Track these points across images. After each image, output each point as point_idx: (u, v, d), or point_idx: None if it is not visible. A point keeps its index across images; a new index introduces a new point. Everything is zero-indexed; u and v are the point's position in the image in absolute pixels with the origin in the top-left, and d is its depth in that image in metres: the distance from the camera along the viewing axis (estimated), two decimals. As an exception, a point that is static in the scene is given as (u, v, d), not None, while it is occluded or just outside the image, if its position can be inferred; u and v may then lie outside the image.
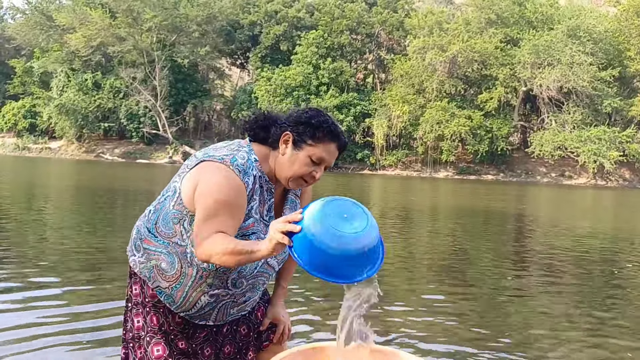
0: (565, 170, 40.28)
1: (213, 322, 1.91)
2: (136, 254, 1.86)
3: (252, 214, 1.76)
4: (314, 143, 1.75)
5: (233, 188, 1.67)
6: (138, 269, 1.85)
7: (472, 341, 3.57)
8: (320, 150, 1.76)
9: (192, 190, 1.72)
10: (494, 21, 41.59)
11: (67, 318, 3.64)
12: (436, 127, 38.44)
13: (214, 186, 1.67)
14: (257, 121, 1.85)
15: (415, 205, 15.81)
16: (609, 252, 7.91)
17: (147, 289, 1.85)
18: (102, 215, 9.48)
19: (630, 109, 38.42)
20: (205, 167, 1.72)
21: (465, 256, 6.94)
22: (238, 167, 1.71)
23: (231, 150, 1.77)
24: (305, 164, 1.76)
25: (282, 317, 2.04)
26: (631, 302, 4.92)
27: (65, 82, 45.67)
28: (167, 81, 44.62)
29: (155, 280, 1.82)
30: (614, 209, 18.39)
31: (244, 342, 2.01)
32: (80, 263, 5.42)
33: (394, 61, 43.21)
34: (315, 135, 1.75)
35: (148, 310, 1.86)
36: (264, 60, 46.56)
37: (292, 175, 1.77)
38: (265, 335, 2.04)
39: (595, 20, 39.80)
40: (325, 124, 1.76)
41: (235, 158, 1.73)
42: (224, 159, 1.71)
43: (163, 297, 1.83)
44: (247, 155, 1.77)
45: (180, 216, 1.76)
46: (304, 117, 1.77)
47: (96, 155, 44.90)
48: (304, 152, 1.75)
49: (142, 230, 1.86)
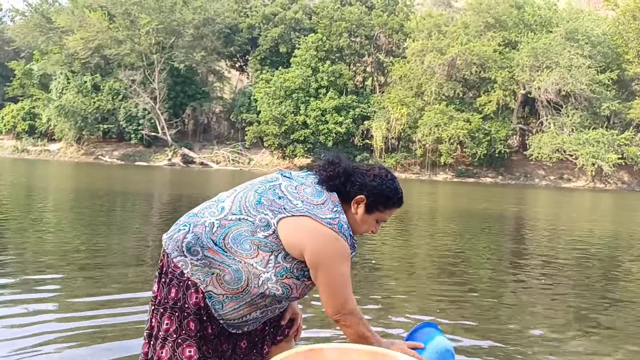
0: (563, 173, 40.33)
1: (243, 331, 2.01)
2: (188, 256, 1.89)
3: None
4: (384, 210, 2.02)
5: (346, 256, 1.90)
6: (189, 270, 1.88)
7: (470, 343, 3.59)
8: (386, 215, 2.04)
9: (296, 244, 1.86)
10: (493, 24, 41.68)
11: (66, 318, 3.66)
12: (435, 129, 38.48)
13: (336, 259, 1.87)
14: (338, 176, 1.98)
15: (414, 207, 15.83)
16: (607, 255, 7.93)
17: (190, 296, 1.89)
18: (101, 218, 9.49)
19: (628, 111, 38.49)
20: (316, 231, 1.86)
21: (464, 259, 6.96)
22: (344, 233, 1.89)
23: (332, 211, 1.90)
24: (372, 225, 2.04)
25: (300, 311, 2.19)
26: (630, 305, 4.94)
27: (65, 84, 45.69)
28: (165, 84, 44.66)
29: (211, 285, 1.87)
30: (613, 211, 18.42)
31: (259, 337, 2.09)
32: (80, 265, 5.43)
33: (392, 64, 43.27)
34: (387, 205, 2.01)
35: (186, 314, 1.90)
36: (263, 62, 46.61)
37: (359, 232, 2.03)
38: (281, 329, 2.14)
39: (593, 24, 39.91)
40: (397, 195, 2.02)
41: (342, 224, 1.90)
42: (332, 225, 1.87)
43: (212, 302, 1.88)
44: (344, 218, 1.93)
45: (275, 248, 1.87)
46: (384, 188, 1.99)
47: (95, 158, 44.90)
48: (374, 216, 2.01)
49: (205, 240, 1.89)
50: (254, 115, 43.28)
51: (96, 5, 44.96)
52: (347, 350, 1.75)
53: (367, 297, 4.64)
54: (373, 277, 5.54)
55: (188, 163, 42.96)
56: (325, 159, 2.02)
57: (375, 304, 4.41)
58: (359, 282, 5.20)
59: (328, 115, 41.27)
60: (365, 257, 6.78)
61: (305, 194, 1.93)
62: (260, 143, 43.84)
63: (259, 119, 42.67)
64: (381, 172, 2.02)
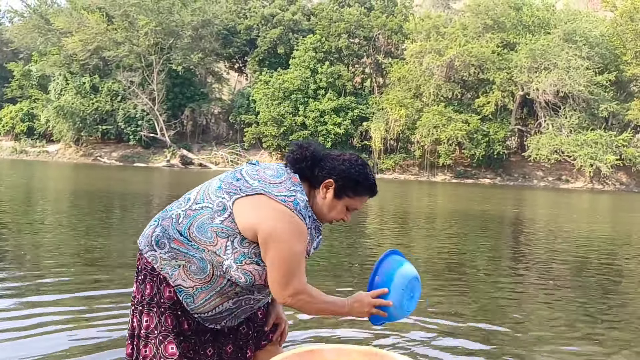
0: (562, 174, 40.38)
1: (221, 326, 1.97)
2: (157, 250, 1.90)
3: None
4: (354, 196, 1.95)
5: (301, 235, 1.83)
6: (159, 264, 1.89)
7: (468, 344, 3.60)
8: (356, 202, 1.97)
9: (250, 223, 1.81)
10: (491, 26, 41.74)
11: (65, 319, 3.67)
12: (433, 131, 38.52)
13: (287, 238, 1.80)
14: (305, 159, 1.94)
15: (413, 208, 15.85)
16: (606, 255, 7.95)
17: (164, 290, 1.89)
18: (100, 219, 9.49)
19: (626, 113, 38.56)
20: (269, 208, 1.81)
21: (463, 259, 6.98)
22: (301, 212, 1.83)
23: (289, 190, 1.86)
24: (342, 212, 1.96)
25: (283, 317, 2.13)
26: (629, 305, 4.96)
27: (64, 86, 45.67)
28: (164, 85, 44.65)
29: (179, 278, 1.86)
30: (611, 212, 18.45)
31: (244, 341, 2.06)
32: (78, 266, 5.44)
33: (391, 65, 43.31)
34: (357, 190, 1.94)
35: (163, 310, 1.90)
36: (261, 64, 46.63)
37: (327, 219, 1.96)
38: (264, 334, 2.10)
39: (591, 25, 39.98)
40: (368, 181, 1.96)
41: (297, 202, 1.84)
42: (286, 202, 1.82)
43: (183, 296, 1.87)
44: (302, 197, 1.87)
45: (231, 233, 1.84)
46: (352, 172, 1.93)
47: (94, 159, 44.87)
48: (343, 202, 1.94)
49: (171, 232, 1.89)
50: (252, 116, 43.29)
51: (94, 7, 44.95)
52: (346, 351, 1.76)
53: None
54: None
55: (187, 164, 42.96)
56: (294, 143, 1.99)
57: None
58: (357, 284, 5.21)
59: (327, 116, 41.31)
60: (363, 258, 6.79)
61: (264, 175, 1.90)
62: (259, 144, 43.86)
63: (257, 120, 42.69)
64: (351, 157, 1.98)
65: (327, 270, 5.83)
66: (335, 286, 5.04)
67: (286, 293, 1.82)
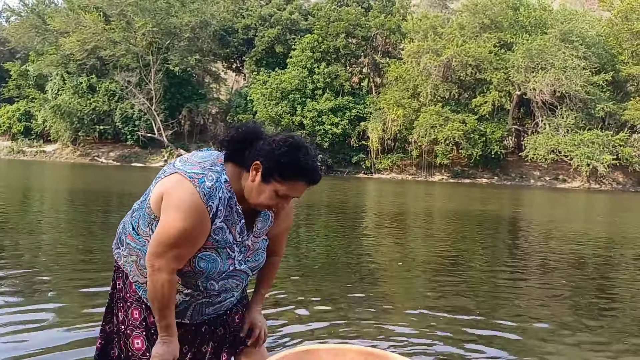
0: (559, 173, 40.46)
1: (189, 320, 1.95)
2: (120, 247, 1.94)
3: (212, 234, 1.78)
4: (282, 180, 1.77)
5: (195, 214, 1.71)
6: (122, 262, 1.93)
7: (464, 344, 3.62)
8: (286, 188, 1.78)
9: (159, 198, 1.78)
10: (488, 26, 41.80)
11: (62, 320, 3.68)
12: (430, 131, 38.57)
13: (178, 209, 1.71)
14: (235, 141, 1.86)
15: (410, 208, 15.88)
16: (602, 255, 7.99)
17: (130, 285, 1.91)
18: (97, 219, 9.49)
19: (623, 112, 38.66)
20: (175, 180, 1.76)
21: (460, 259, 7.00)
22: (204, 189, 1.73)
23: (203, 168, 1.78)
24: (271, 198, 1.79)
25: (259, 322, 2.08)
26: (625, 305, 4.99)
27: (61, 85, 45.60)
28: (161, 85, 44.61)
29: (135, 275, 1.88)
30: (608, 212, 18.50)
31: (219, 343, 2.05)
32: (76, 265, 5.45)
33: (389, 65, 43.35)
34: (283, 174, 1.76)
35: (129, 304, 1.92)
36: (259, 63, 46.62)
37: (258, 204, 1.81)
38: (241, 339, 2.08)
39: (588, 25, 40.07)
40: (294, 164, 1.76)
41: (204, 179, 1.74)
42: (193, 178, 1.74)
43: (141, 292, 1.89)
44: (216, 176, 1.77)
45: (150, 219, 1.83)
46: (276, 154, 1.76)
47: (91, 159, 44.81)
48: (271, 187, 1.78)
49: (127, 226, 1.93)
50: (250, 116, 43.26)
51: (92, 7, 44.88)
52: (343, 351, 1.77)
53: (363, 298, 4.68)
54: (369, 279, 5.58)
55: (184, 164, 42.87)
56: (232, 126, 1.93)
57: (371, 305, 4.44)
58: (354, 283, 5.23)
59: (324, 116, 41.33)
60: (362, 258, 6.81)
61: (191, 157, 1.85)
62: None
63: (255, 120, 42.68)
64: (282, 138, 1.80)
65: (324, 270, 5.85)
66: (331, 286, 5.06)
67: (151, 262, 1.75)
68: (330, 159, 42.06)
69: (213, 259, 1.82)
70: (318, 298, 4.57)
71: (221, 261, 1.83)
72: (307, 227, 9.76)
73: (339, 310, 4.20)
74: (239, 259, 1.89)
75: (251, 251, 1.93)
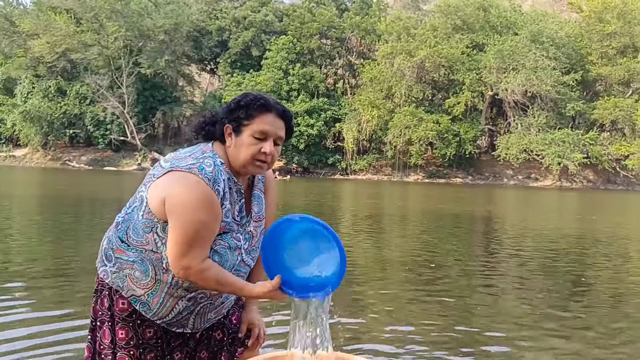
0: (531, 172, 41.15)
1: (191, 329, 1.92)
2: (107, 264, 1.87)
3: (223, 217, 1.77)
4: (250, 121, 1.79)
5: (207, 201, 1.69)
6: (110, 279, 1.85)
7: (440, 345, 3.64)
8: (258, 124, 1.79)
9: (160, 200, 1.73)
10: (460, 27, 42.33)
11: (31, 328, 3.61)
12: (405, 131, 38.89)
13: (188, 203, 1.68)
14: (206, 123, 1.88)
15: (385, 209, 15.96)
16: (574, 252, 8.13)
17: (117, 302, 1.84)
18: (69, 225, 9.32)
19: (592, 112, 39.50)
20: (174, 178, 1.72)
21: (435, 260, 7.06)
22: (207, 175, 1.71)
23: (196, 158, 1.76)
24: (250, 144, 1.79)
25: (257, 321, 2.06)
26: (596, 301, 5.08)
27: (30, 89, 44.75)
28: (134, 88, 44.09)
29: (130, 289, 1.82)
30: (578, 210, 18.87)
31: (218, 347, 2.02)
32: (47, 273, 5.34)
33: (363, 66, 43.57)
34: (247, 113, 1.79)
35: (116, 322, 1.86)
36: (233, 65, 46.41)
37: (244, 160, 1.79)
38: (239, 341, 2.05)
39: (557, 26, 40.88)
40: (254, 100, 1.81)
41: (203, 167, 1.72)
42: (191, 169, 1.71)
43: (138, 305, 1.83)
44: (213, 160, 1.77)
45: (152, 225, 1.77)
46: (233, 104, 1.83)
47: (62, 163, 44.04)
48: (245, 134, 1.79)
49: (114, 241, 1.86)
50: (224, 118, 43.05)
51: (62, 9, 44.11)
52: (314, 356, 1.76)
53: (337, 299, 4.67)
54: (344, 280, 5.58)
55: (158, 167, 42.46)
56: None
57: (346, 306, 4.44)
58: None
59: (300, 118, 41.34)
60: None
61: (176, 154, 1.85)
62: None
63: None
64: (240, 95, 1.88)
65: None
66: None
67: (178, 265, 1.71)
68: (306, 161, 42.07)
69: (224, 252, 1.80)
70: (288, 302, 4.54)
71: (231, 253, 1.82)
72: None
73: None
74: (245, 247, 1.88)
75: (255, 238, 1.92)
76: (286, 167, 41.60)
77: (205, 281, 1.74)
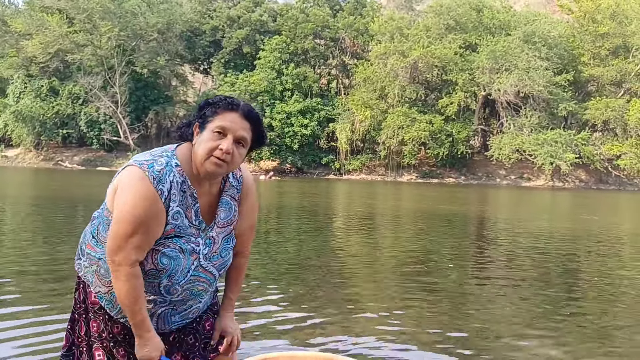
0: (523, 172, 41.31)
1: (155, 330, 1.88)
2: (81, 258, 1.90)
3: (170, 220, 1.75)
4: (213, 117, 1.79)
5: (146, 199, 1.69)
6: (82, 273, 1.89)
7: (432, 345, 3.66)
8: (219, 121, 1.78)
9: (113, 192, 1.77)
10: (453, 27, 42.42)
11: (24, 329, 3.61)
12: (398, 131, 38.96)
13: (128, 199, 1.69)
14: (183, 124, 1.90)
15: (378, 209, 16.00)
16: (566, 252, 8.18)
17: (90, 296, 1.87)
18: (61, 226, 9.30)
19: (584, 112, 39.69)
20: (125, 173, 1.75)
21: (428, 260, 7.09)
22: (153, 173, 1.71)
23: (153, 155, 1.78)
24: (209, 139, 1.77)
25: (230, 329, 2.04)
26: (591, 301, 5.12)
27: (22, 89, 44.51)
28: (127, 88, 43.94)
29: (96, 285, 1.84)
30: (571, 209, 18.97)
31: (190, 352, 2.00)
32: (39, 274, 5.33)
33: (357, 66, 43.60)
34: (213, 111, 1.80)
35: (90, 316, 1.88)
36: (227, 65, 46.33)
37: (201, 157, 1.77)
38: (212, 347, 2.03)
39: (550, 26, 41.04)
40: (222, 99, 1.82)
41: (153, 165, 1.73)
42: (142, 164, 1.72)
43: (104, 302, 1.85)
44: (167, 160, 1.76)
45: (108, 222, 1.78)
46: (203, 102, 1.85)
47: (55, 163, 43.82)
48: (207, 130, 1.78)
49: (87, 236, 1.89)
50: (218, 118, 42.94)
51: (54, 9, 43.90)
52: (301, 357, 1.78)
53: (331, 299, 4.70)
54: (336, 280, 5.61)
55: (152, 167, 42.33)
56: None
57: (339, 307, 4.47)
58: (321, 286, 5.25)
59: (293, 118, 41.32)
60: (329, 258, 6.84)
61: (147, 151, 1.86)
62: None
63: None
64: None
65: (291, 272, 5.85)
66: (297, 289, 5.07)
67: (112, 259, 1.71)
68: (300, 161, 42.06)
69: (176, 256, 1.78)
70: (283, 301, 4.57)
71: (184, 257, 1.79)
72: (276, 229, 9.75)
73: (304, 313, 4.21)
74: (204, 252, 1.85)
75: (217, 245, 1.89)
76: (280, 167, 41.62)
77: (125, 286, 1.72)
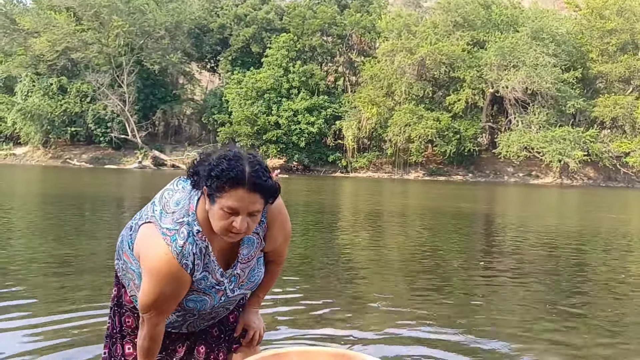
0: (532, 170, 41.14)
1: (186, 331, 2.03)
2: (119, 260, 1.97)
3: (195, 285, 1.80)
4: (220, 194, 1.68)
5: (171, 276, 1.72)
6: (120, 274, 1.98)
7: (439, 343, 3.65)
8: (227, 200, 1.68)
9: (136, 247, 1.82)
10: (461, 24, 42.26)
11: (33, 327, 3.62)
12: (405, 129, 38.88)
13: (155, 274, 1.72)
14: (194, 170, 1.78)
15: (386, 207, 15.97)
16: (575, 249, 8.14)
17: (125, 295, 1.98)
18: (70, 223, 9.34)
19: (593, 109, 39.46)
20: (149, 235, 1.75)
21: (435, 257, 7.07)
22: (177, 249, 1.71)
23: (175, 222, 1.75)
24: (220, 217, 1.69)
25: (253, 324, 2.10)
26: (598, 298, 5.09)
27: (30, 87, 44.75)
28: (135, 86, 44.10)
29: (132, 289, 1.93)
30: (579, 207, 18.87)
31: (215, 343, 2.08)
32: (48, 271, 5.35)
33: (363, 63, 43.53)
34: (218, 187, 1.68)
35: (124, 311, 2.00)
36: (234, 63, 46.40)
37: (217, 231, 1.73)
38: (235, 338, 2.12)
39: (558, 23, 40.82)
40: (223, 173, 1.67)
41: (176, 237, 1.72)
42: (166, 236, 1.72)
43: (137, 303, 1.92)
44: (188, 229, 1.74)
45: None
46: (207, 170, 1.70)
47: (63, 161, 44.06)
48: (217, 205, 1.69)
49: (124, 244, 1.93)
50: (225, 116, 43.06)
51: (62, 7, 44.09)
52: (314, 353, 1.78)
53: (339, 295, 4.69)
54: (344, 277, 5.60)
55: (159, 165, 42.50)
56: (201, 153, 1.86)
57: (348, 303, 4.46)
58: (329, 283, 5.24)
59: (300, 115, 41.31)
60: (336, 255, 6.83)
61: (171, 199, 1.83)
62: (233, 144, 43.66)
63: (231, 119, 42.50)
64: (220, 154, 1.73)
65: (300, 270, 5.85)
66: (306, 286, 5.07)
67: (144, 310, 1.80)
68: (306, 159, 42.08)
69: (201, 299, 1.85)
70: (291, 297, 4.57)
71: (210, 299, 1.86)
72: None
73: (313, 311, 4.21)
74: (231, 287, 1.90)
75: (243, 277, 1.92)
76: (286, 165, 41.64)
77: (148, 335, 1.82)
